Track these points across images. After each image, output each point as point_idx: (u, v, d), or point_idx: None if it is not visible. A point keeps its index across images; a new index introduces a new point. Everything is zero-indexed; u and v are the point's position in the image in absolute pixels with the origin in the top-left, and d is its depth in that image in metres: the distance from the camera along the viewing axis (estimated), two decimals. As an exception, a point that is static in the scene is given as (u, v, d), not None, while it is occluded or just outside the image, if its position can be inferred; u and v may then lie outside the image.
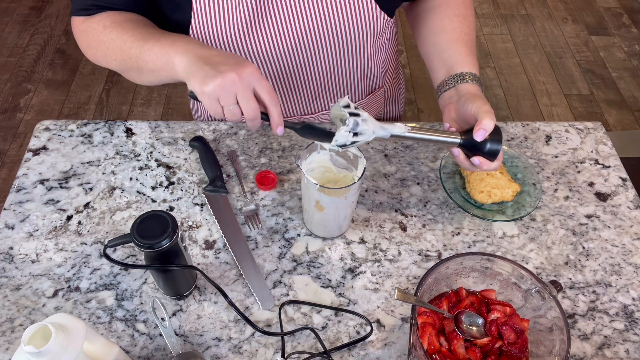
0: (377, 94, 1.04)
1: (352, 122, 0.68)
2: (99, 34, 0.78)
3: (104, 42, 0.77)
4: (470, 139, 0.74)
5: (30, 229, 0.84)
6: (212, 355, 0.72)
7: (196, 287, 0.78)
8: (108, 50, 0.77)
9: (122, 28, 0.76)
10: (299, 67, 0.87)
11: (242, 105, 0.65)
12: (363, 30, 0.84)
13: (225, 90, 0.63)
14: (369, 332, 0.74)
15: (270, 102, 0.67)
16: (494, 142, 0.73)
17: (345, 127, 0.68)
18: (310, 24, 0.81)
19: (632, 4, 2.83)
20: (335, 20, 0.81)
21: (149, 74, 0.75)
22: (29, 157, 0.93)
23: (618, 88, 2.40)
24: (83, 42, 0.83)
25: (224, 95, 0.64)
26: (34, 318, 0.74)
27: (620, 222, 0.87)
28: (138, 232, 0.65)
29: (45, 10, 2.69)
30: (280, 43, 0.82)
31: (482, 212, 0.86)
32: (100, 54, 0.79)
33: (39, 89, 2.33)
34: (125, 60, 0.76)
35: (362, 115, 0.69)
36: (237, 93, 0.64)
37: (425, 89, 2.38)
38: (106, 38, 0.76)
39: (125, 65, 0.77)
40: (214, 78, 0.63)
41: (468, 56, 0.82)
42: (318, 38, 0.83)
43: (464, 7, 0.88)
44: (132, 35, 0.74)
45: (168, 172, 0.92)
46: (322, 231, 0.83)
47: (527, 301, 0.69)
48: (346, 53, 0.87)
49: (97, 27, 0.78)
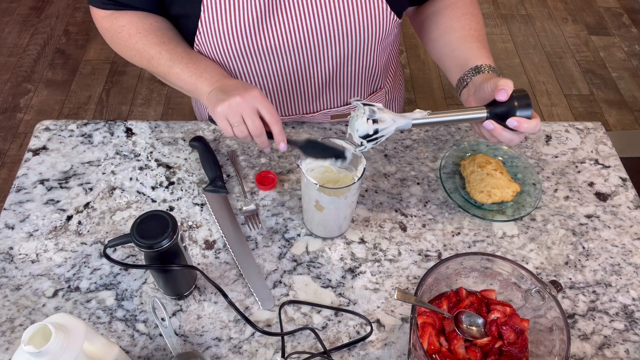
0: (379, 95, 1.04)
1: (368, 110, 0.70)
2: (124, 40, 0.83)
3: (129, 49, 0.84)
4: (496, 106, 0.71)
5: (30, 229, 0.84)
6: (212, 355, 0.72)
7: (196, 287, 0.78)
8: (134, 58, 0.85)
9: (147, 41, 0.82)
10: (306, 63, 0.87)
11: (247, 123, 0.74)
12: (372, 30, 0.84)
13: (232, 110, 0.73)
14: (369, 332, 0.74)
15: (271, 120, 0.74)
16: (521, 98, 0.70)
17: (363, 115, 0.70)
18: (320, 21, 0.81)
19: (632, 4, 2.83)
20: (345, 18, 0.81)
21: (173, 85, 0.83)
22: (29, 157, 0.93)
23: (618, 88, 2.40)
24: (108, 39, 0.88)
25: (231, 114, 0.73)
26: (34, 318, 0.74)
27: (620, 222, 0.87)
28: (138, 232, 0.65)
29: (45, 10, 2.69)
30: (289, 39, 0.82)
31: (482, 212, 0.86)
32: (126, 55, 0.86)
33: (39, 89, 2.33)
34: (152, 70, 0.84)
35: (377, 105, 0.71)
36: (242, 113, 0.73)
37: (425, 89, 2.38)
38: (132, 47, 0.83)
39: (153, 72, 0.84)
40: (223, 101, 0.73)
41: (481, 50, 0.82)
42: (326, 35, 0.83)
43: (471, 6, 0.88)
44: (159, 52, 0.81)
45: (168, 172, 0.92)
46: (322, 231, 0.83)
47: (527, 301, 0.69)
48: (353, 52, 0.87)
49: (122, 34, 0.83)
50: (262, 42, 0.82)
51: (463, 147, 0.94)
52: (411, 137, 0.98)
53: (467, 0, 0.89)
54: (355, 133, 0.72)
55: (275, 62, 0.86)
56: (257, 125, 0.74)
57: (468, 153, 0.94)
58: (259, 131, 0.74)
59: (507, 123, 0.71)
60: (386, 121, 0.70)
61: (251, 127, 0.74)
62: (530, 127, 0.71)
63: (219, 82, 0.77)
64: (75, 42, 2.54)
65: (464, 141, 0.97)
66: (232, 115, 0.73)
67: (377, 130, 0.71)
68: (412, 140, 0.98)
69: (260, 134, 0.75)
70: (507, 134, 0.73)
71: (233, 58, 0.84)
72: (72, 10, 2.69)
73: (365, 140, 0.72)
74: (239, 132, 0.75)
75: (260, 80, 0.89)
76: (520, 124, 0.70)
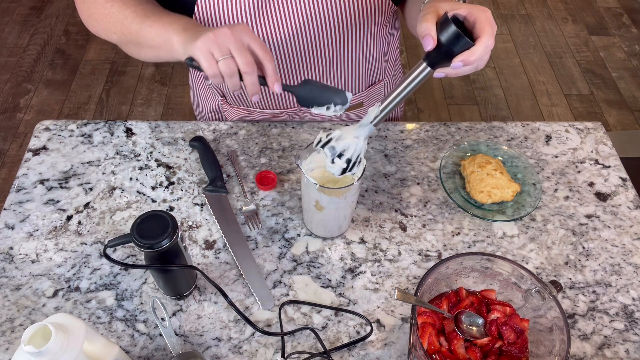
0: (377, 87, 1.04)
1: (328, 150, 0.68)
2: (99, 7, 0.78)
3: (105, 15, 0.77)
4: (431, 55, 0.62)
5: (30, 229, 0.84)
6: (212, 355, 0.72)
7: (196, 287, 0.78)
8: (109, 24, 0.78)
9: (123, 2, 0.76)
10: (303, 52, 0.87)
11: (236, 57, 0.64)
12: (367, 16, 0.84)
13: (217, 42, 0.63)
14: (369, 332, 0.74)
15: (265, 57, 0.66)
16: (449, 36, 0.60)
17: (328, 160, 0.68)
18: (316, 8, 0.81)
19: (632, 4, 2.83)
20: (341, 5, 0.81)
21: (147, 49, 0.75)
22: (29, 157, 0.93)
23: (618, 88, 2.40)
24: (84, 13, 0.83)
25: (216, 46, 0.63)
26: (34, 318, 0.74)
27: (620, 222, 0.87)
28: (138, 232, 0.65)
29: (45, 10, 2.69)
30: (285, 27, 0.82)
31: (482, 212, 0.86)
32: (101, 26, 0.80)
33: (39, 89, 2.33)
34: (125, 35, 0.76)
35: (333, 135, 0.68)
36: (230, 45, 0.64)
37: (426, 89, 2.38)
38: (107, 12, 0.77)
39: (125, 39, 0.77)
40: (206, 33, 0.64)
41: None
42: (323, 23, 0.83)
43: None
44: (134, 12, 0.74)
45: (168, 172, 0.92)
46: (322, 231, 0.83)
47: (527, 301, 0.69)
48: (349, 40, 0.87)
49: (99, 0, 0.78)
50: (260, 31, 0.82)
51: (463, 147, 0.94)
52: (411, 137, 0.98)
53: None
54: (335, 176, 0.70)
55: (273, 52, 0.86)
56: (249, 60, 0.64)
57: (468, 153, 0.94)
58: (251, 67, 0.64)
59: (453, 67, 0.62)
60: (350, 147, 0.67)
61: (241, 61, 0.64)
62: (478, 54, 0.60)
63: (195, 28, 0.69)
64: (75, 42, 2.54)
65: (464, 141, 0.97)
66: (217, 48, 0.63)
67: (349, 159, 0.68)
68: (412, 140, 0.98)
69: (252, 71, 0.65)
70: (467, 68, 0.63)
71: None
72: (72, 10, 2.69)
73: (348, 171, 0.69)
74: (226, 67, 0.64)
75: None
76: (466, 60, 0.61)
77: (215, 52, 0.64)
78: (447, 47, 0.61)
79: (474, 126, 1.00)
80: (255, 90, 0.67)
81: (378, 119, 0.69)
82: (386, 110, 0.68)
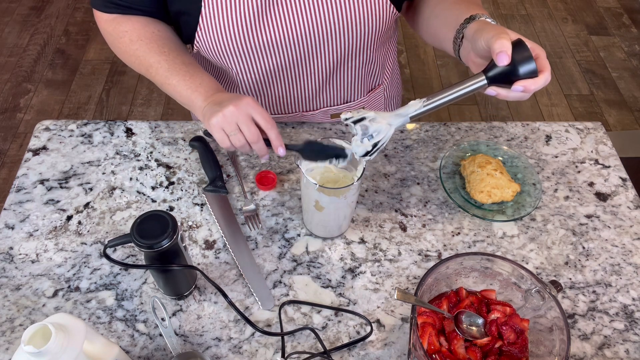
0: (377, 92, 1.04)
1: (360, 128, 0.68)
2: (125, 46, 0.84)
3: (130, 55, 0.84)
4: (496, 70, 0.64)
5: (30, 229, 0.84)
6: (212, 355, 0.72)
7: (196, 287, 0.78)
8: (133, 64, 0.85)
9: (148, 49, 0.83)
10: (306, 58, 0.87)
11: (243, 130, 0.74)
12: (371, 23, 0.84)
13: (227, 120, 0.73)
14: (369, 332, 0.74)
15: (266, 125, 0.74)
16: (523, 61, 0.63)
17: (356, 137, 0.68)
18: (320, 14, 0.81)
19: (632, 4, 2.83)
20: (345, 11, 0.81)
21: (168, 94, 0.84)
22: (29, 157, 0.93)
23: (618, 88, 2.40)
24: (109, 42, 0.89)
25: (226, 124, 0.73)
26: (34, 318, 0.74)
27: (620, 222, 0.87)
28: (138, 232, 0.65)
29: (45, 10, 2.69)
30: (288, 33, 0.82)
31: (482, 212, 0.86)
32: (125, 60, 0.87)
33: (39, 89, 2.33)
34: (149, 77, 0.85)
35: (368, 115, 0.68)
36: (237, 121, 0.73)
37: (426, 89, 2.38)
38: (132, 53, 0.84)
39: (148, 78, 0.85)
40: (217, 112, 0.73)
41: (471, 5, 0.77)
42: (327, 28, 0.83)
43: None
44: (158, 62, 0.82)
45: (168, 172, 0.92)
46: (322, 231, 0.83)
47: (527, 301, 0.69)
48: (352, 47, 0.87)
49: (124, 39, 0.84)
50: (263, 36, 0.82)
51: (463, 147, 0.94)
52: (411, 137, 0.98)
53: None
54: (356, 155, 0.70)
55: (276, 57, 0.86)
56: (253, 132, 0.74)
57: (468, 153, 0.94)
58: (256, 137, 0.74)
59: (513, 89, 0.65)
60: (381, 131, 0.68)
61: (247, 134, 0.74)
62: (539, 85, 0.64)
63: (213, 97, 0.78)
64: (75, 42, 2.54)
65: (464, 141, 0.97)
66: (227, 125, 0.74)
67: (375, 144, 0.68)
68: (412, 140, 0.98)
69: (258, 139, 0.75)
70: (514, 94, 0.66)
71: (233, 54, 0.84)
72: (72, 10, 2.69)
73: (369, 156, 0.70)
74: (236, 140, 0.75)
75: (260, 76, 0.89)
76: (527, 87, 0.64)
77: (226, 128, 0.74)
78: (516, 68, 0.63)
79: (474, 126, 1.00)
80: (263, 154, 0.77)
81: (417, 113, 0.67)
82: (427, 109, 0.67)
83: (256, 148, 0.76)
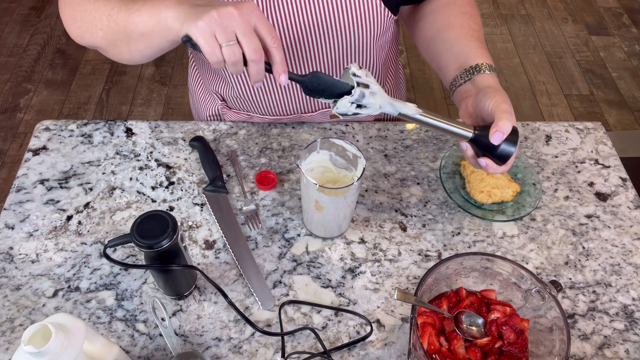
0: None
1: (358, 93, 0.64)
2: (85, 2, 0.73)
3: (89, 10, 0.72)
4: (483, 137, 0.69)
5: (30, 229, 0.84)
6: (212, 355, 0.72)
7: (196, 287, 0.78)
8: (94, 19, 0.72)
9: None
10: (302, 60, 0.87)
11: (242, 42, 0.58)
12: (366, 27, 0.84)
13: (222, 24, 0.57)
14: (369, 332, 0.74)
15: (273, 44, 0.60)
16: (508, 143, 0.68)
17: (349, 97, 0.64)
18: (313, 20, 0.81)
19: (632, 4, 2.83)
20: (338, 17, 0.81)
21: (138, 39, 0.68)
22: (29, 157, 0.93)
23: (618, 88, 2.40)
24: (68, 15, 0.77)
25: (221, 29, 0.57)
26: (34, 318, 0.74)
27: (620, 222, 0.87)
28: (138, 232, 0.65)
29: (45, 10, 2.69)
30: (284, 35, 0.82)
31: (482, 212, 0.86)
32: (85, 25, 0.74)
33: (39, 89, 2.33)
34: (112, 28, 0.70)
35: (372, 87, 0.64)
36: (236, 28, 0.57)
37: (426, 89, 2.38)
38: (92, 6, 0.71)
39: (113, 35, 0.70)
40: (209, 11, 0.57)
41: (480, 49, 0.81)
42: (320, 34, 0.83)
43: (469, 5, 0.88)
44: (120, 1, 0.69)
45: (168, 172, 0.92)
46: (321, 231, 0.83)
47: (527, 301, 0.69)
48: (348, 51, 0.87)
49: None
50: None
51: (463, 147, 0.94)
52: (411, 137, 0.98)
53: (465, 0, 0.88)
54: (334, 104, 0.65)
55: None
56: (257, 47, 0.58)
57: (468, 153, 0.94)
58: (259, 55, 0.58)
59: (479, 160, 0.71)
60: (371, 107, 0.65)
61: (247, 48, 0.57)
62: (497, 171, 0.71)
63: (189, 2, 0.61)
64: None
65: (464, 141, 0.97)
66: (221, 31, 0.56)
67: (356, 113, 0.65)
68: (412, 140, 0.98)
69: (260, 59, 0.59)
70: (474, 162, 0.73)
71: None
72: (72, 10, 2.69)
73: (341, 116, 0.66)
74: (231, 54, 0.58)
75: None
76: (488, 166, 0.70)
77: (220, 35, 0.57)
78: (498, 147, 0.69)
79: (474, 126, 1.00)
80: (259, 79, 0.61)
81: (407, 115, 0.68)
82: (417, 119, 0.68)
83: (253, 70, 0.60)
